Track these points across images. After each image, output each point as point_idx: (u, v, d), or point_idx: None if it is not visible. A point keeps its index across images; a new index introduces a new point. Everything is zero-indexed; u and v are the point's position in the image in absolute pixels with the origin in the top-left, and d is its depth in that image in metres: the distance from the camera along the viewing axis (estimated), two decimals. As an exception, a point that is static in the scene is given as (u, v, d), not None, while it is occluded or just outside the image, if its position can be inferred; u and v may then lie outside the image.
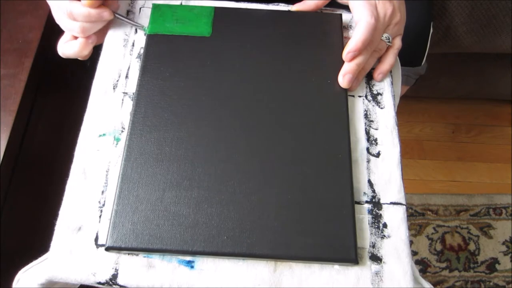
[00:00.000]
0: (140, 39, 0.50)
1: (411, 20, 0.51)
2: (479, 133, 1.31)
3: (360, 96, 0.48)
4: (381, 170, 0.43)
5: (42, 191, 0.75)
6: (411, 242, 0.84)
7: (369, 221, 0.41)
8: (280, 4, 0.53)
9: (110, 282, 0.38)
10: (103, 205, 0.41)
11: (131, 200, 0.40)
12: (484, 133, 1.31)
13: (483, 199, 1.19)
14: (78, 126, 0.45)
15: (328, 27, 0.50)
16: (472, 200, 1.19)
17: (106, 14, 0.47)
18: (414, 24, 0.65)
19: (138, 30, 0.51)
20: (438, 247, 1.13)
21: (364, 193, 0.42)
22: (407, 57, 0.65)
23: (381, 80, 0.48)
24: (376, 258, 0.39)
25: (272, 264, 0.39)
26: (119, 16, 0.49)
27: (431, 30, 0.69)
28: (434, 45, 0.72)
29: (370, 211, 0.41)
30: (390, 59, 0.48)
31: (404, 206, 0.42)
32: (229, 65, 0.47)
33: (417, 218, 1.16)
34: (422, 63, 0.69)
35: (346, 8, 0.49)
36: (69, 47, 0.48)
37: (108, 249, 0.38)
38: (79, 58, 0.50)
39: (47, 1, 0.47)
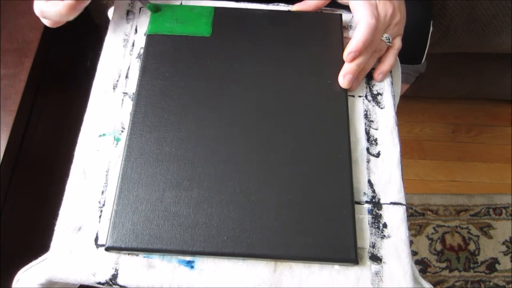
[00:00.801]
0: (140, 39, 0.50)
1: (411, 18, 0.51)
2: (479, 133, 1.31)
3: (360, 96, 0.48)
4: (381, 170, 0.43)
5: (42, 191, 0.75)
6: (411, 242, 0.84)
7: (369, 221, 0.41)
8: (280, 4, 0.53)
9: (110, 282, 0.38)
10: (103, 205, 0.41)
11: (131, 200, 0.40)
12: (484, 133, 1.31)
13: (483, 199, 1.19)
14: (78, 126, 0.45)
15: (328, 27, 0.50)
16: (472, 200, 1.19)
17: None
18: (414, 22, 0.65)
19: (138, 30, 0.51)
20: (438, 247, 1.13)
21: (364, 193, 0.42)
22: (407, 55, 0.65)
23: (381, 80, 0.48)
24: (376, 258, 0.39)
25: (272, 264, 0.39)
26: None
27: (431, 29, 0.69)
28: (434, 45, 0.72)
29: (370, 211, 0.41)
30: (390, 59, 0.48)
31: (404, 206, 0.42)
32: (229, 65, 0.47)
33: (417, 218, 1.16)
34: (422, 61, 0.69)
35: (346, 8, 0.49)
36: (51, 6, 0.42)
37: (108, 249, 0.38)
38: (53, 25, 0.44)
39: None
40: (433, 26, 0.69)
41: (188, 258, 0.39)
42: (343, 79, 0.46)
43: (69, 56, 0.84)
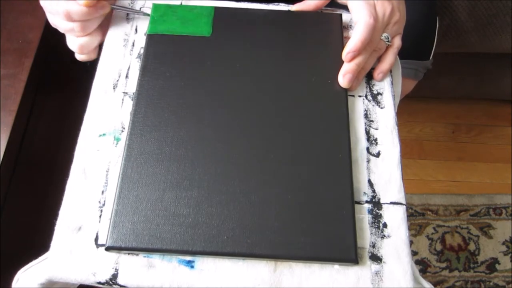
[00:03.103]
0: (140, 39, 0.50)
1: (417, 14, 0.51)
2: (479, 133, 1.31)
3: (360, 96, 0.48)
4: (381, 170, 0.43)
5: (42, 191, 0.75)
6: (411, 242, 0.84)
7: (369, 221, 0.41)
8: (280, 4, 0.53)
9: (110, 282, 0.38)
10: (103, 205, 0.41)
11: (131, 200, 0.40)
12: (484, 133, 1.31)
13: (483, 199, 1.19)
14: (78, 126, 0.45)
15: (328, 27, 0.50)
16: (472, 200, 1.19)
17: (104, 9, 0.47)
18: (420, 18, 0.65)
19: (138, 30, 0.51)
20: (438, 247, 1.13)
21: (364, 193, 0.42)
22: (415, 51, 0.65)
23: (382, 80, 0.48)
24: (376, 258, 0.39)
25: (272, 264, 0.39)
26: (116, 7, 0.50)
27: (437, 24, 0.69)
28: (435, 44, 0.72)
29: (370, 211, 0.41)
30: (390, 58, 0.48)
31: (404, 206, 0.42)
32: (229, 65, 0.47)
33: (417, 218, 1.16)
34: (431, 57, 0.69)
35: (346, 8, 0.49)
36: (72, 43, 0.48)
37: (108, 249, 0.38)
38: (84, 58, 0.50)
39: (42, 4, 0.47)
40: (438, 20, 0.69)
41: (188, 258, 0.39)
42: (343, 78, 0.46)
43: (69, 56, 0.84)
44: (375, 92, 0.48)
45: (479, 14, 0.87)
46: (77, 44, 0.48)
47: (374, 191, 0.42)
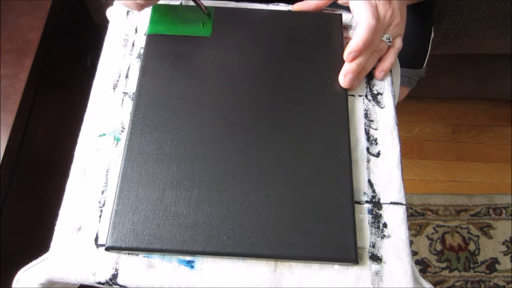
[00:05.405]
0: (140, 39, 0.50)
1: (412, 25, 0.51)
2: (479, 133, 1.31)
3: (360, 96, 0.48)
4: (381, 170, 0.43)
5: (42, 191, 0.75)
6: (411, 242, 0.84)
7: (369, 221, 0.41)
8: (280, 4, 0.53)
9: (110, 282, 0.38)
10: (103, 205, 0.41)
11: (131, 200, 0.40)
12: (484, 133, 1.31)
13: (483, 199, 1.19)
14: (78, 126, 0.45)
15: (328, 27, 0.50)
16: (472, 200, 1.19)
17: None
18: (415, 29, 0.65)
19: (138, 30, 0.51)
20: (438, 247, 1.13)
21: (364, 193, 0.42)
22: (409, 59, 0.65)
23: (383, 78, 0.48)
24: (376, 258, 0.39)
25: (272, 264, 0.39)
26: None
27: (432, 35, 0.69)
28: (433, 48, 0.72)
29: (370, 211, 0.41)
30: (391, 58, 0.48)
31: (404, 206, 0.42)
32: (229, 65, 0.47)
33: (417, 218, 1.16)
34: (424, 66, 0.70)
35: (346, 8, 0.49)
36: None
37: (108, 249, 0.38)
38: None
39: None
40: (433, 30, 0.69)
41: (188, 258, 0.39)
42: (344, 78, 0.46)
43: (69, 56, 0.84)
44: (375, 92, 0.48)
45: (477, 16, 0.86)
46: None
47: (374, 191, 0.42)
